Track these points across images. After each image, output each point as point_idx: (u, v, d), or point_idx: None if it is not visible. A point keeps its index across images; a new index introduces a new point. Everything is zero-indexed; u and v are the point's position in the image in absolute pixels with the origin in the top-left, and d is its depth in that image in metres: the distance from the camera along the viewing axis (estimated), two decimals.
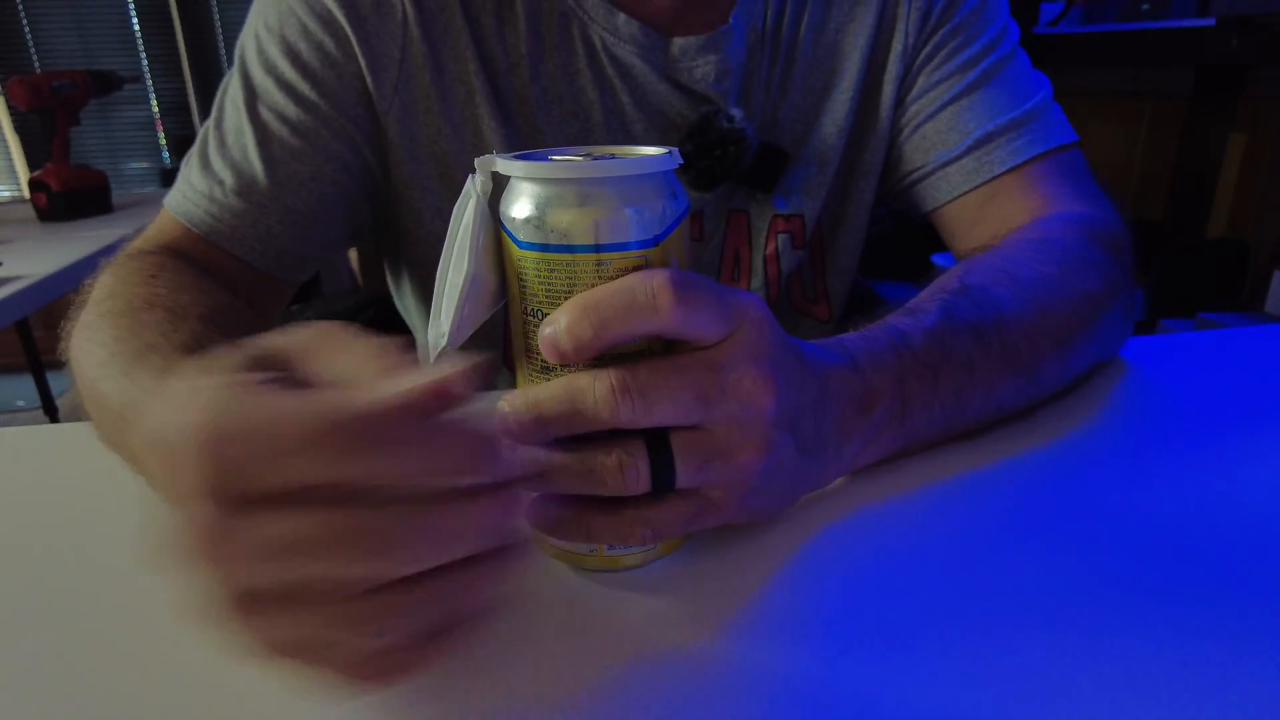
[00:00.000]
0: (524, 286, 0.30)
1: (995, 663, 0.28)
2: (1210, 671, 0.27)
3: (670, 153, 0.30)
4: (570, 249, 0.29)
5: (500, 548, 0.23)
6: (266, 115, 0.53)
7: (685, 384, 0.28)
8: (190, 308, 0.43)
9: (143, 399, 0.34)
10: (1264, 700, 0.26)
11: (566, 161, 0.29)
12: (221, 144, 0.54)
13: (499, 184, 0.31)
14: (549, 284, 0.29)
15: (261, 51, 0.54)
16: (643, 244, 0.29)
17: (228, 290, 0.50)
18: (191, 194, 0.54)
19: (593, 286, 0.29)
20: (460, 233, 0.31)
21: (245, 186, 0.53)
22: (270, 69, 0.53)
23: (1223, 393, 0.48)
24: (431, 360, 0.33)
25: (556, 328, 0.28)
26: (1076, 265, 0.48)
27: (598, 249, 0.29)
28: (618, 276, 0.29)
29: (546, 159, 0.30)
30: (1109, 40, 2.02)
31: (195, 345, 0.39)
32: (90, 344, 0.40)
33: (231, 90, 0.54)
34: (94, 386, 0.38)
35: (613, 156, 0.30)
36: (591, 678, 0.28)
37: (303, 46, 0.53)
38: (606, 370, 0.28)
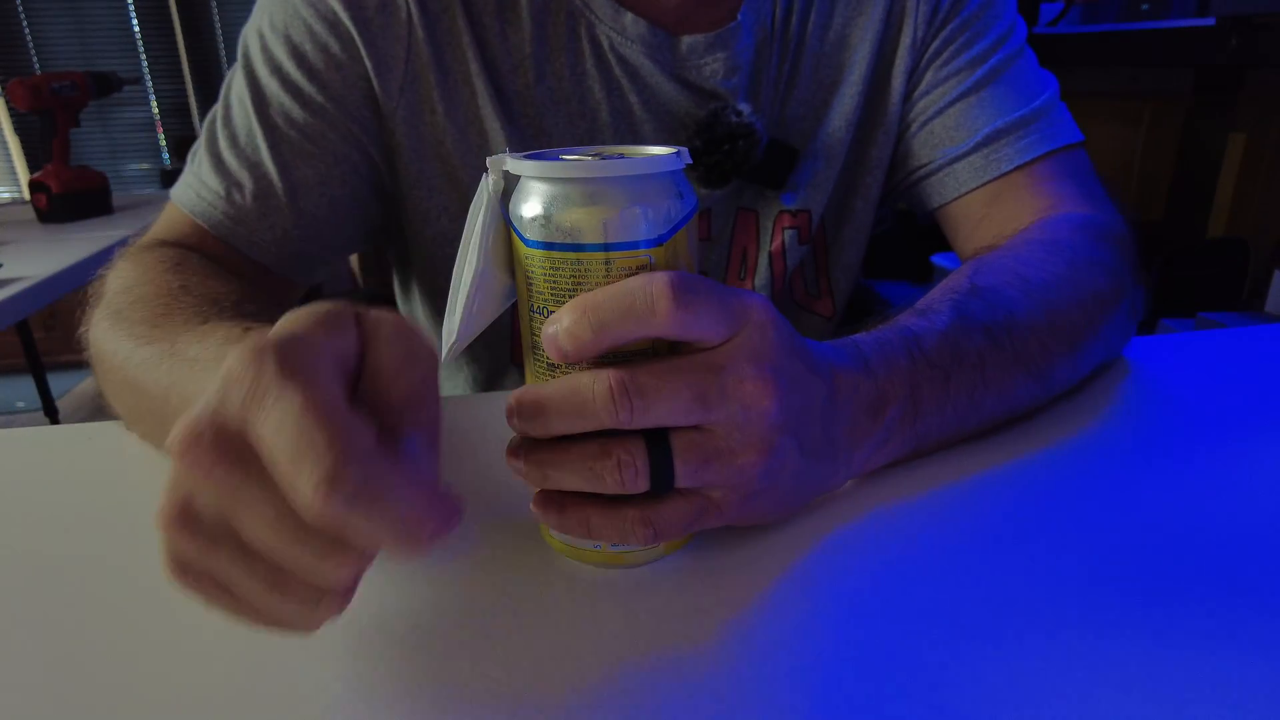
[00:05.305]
0: (531, 284, 0.30)
1: (1006, 663, 0.28)
2: (1211, 669, 0.27)
3: (678, 152, 0.30)
4: (577, 248, 0.29)
5: None
6: (275, 118, 0.53)
7: (685, 385, 0.28)
8: (226, 295, 0.43)
9: (192, 372, 0.33)
10: (1265, 699, 0.26)
11: (575, 161, 0.29)
12: (233, 143, 0.53)
13: (510, 183, 0.31)
14: (555, 282, 0.30)
15: (266, 51, 0.53)
16: (649, 243, 0.29)
17: None
18: (206, 193, 0.53)
19: (599, 285, 0.29)
20: (471, 231, 0.32)
21: (262, 190, 0.53)
22: (276, 70, 0.53)
23: (1223, 393, 0.48)
24: (444, 357, 0.33)
25: (559, 327, 0.28)
26: (1085, 267, 0.48)
27: (605, 248, 0.29)
28: (623, 275, 0.29)
29: (557, 158, 0.30)
30: (1109, 40, 2.02)
31: (240, 323, 0.37)
32: (120, 333, 0.39)
33: (237, 87, 0.54)
34: (129, 375, 0.37)
35: (621, 156, 0.30)
36: (589, 673, 0.28)
37: (308, 48, 0.52)
38: (606, 371, 0.28)
